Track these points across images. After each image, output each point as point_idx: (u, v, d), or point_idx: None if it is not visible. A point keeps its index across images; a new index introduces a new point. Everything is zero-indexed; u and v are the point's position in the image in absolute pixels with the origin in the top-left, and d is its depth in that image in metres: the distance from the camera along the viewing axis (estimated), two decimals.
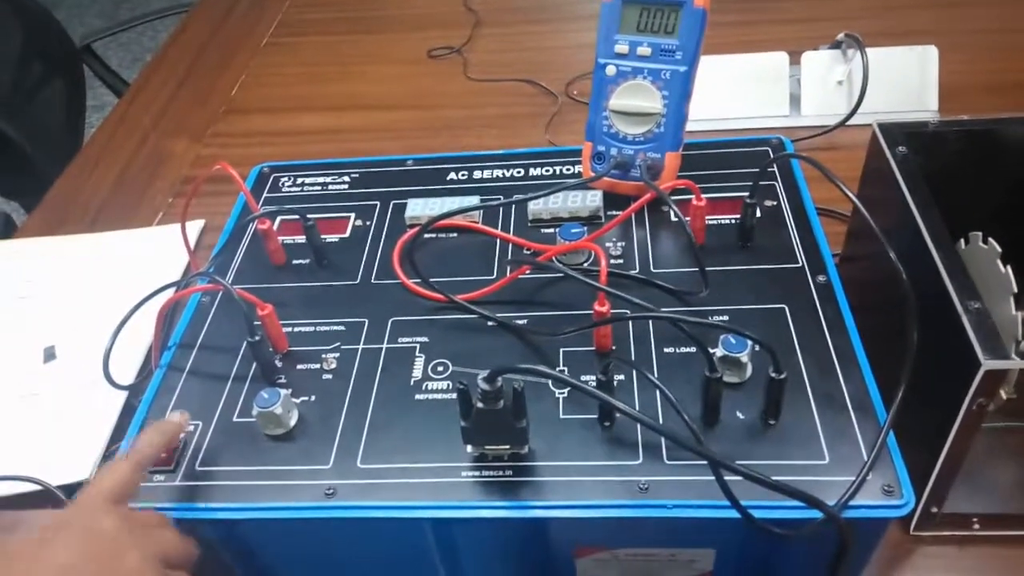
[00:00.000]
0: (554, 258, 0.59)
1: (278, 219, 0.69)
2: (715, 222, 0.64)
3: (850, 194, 0.54)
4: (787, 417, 0.49)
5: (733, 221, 0.64)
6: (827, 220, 0.79)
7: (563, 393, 0.53)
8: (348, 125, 1.09)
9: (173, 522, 0.48)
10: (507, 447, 0.48)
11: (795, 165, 0.69)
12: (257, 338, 0.54)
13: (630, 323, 0.56)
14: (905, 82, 0.93)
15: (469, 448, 0.49)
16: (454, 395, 0.51)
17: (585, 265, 0.61)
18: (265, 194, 0.74)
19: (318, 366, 0.56)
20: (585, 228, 0.61)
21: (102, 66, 1.52)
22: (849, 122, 0.92)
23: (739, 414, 0.50)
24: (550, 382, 0.53)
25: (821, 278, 0.58)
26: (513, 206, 0.68)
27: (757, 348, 0.53)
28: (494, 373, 0.44)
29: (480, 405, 0.45)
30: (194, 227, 0.90)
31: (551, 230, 0.65)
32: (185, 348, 0.59)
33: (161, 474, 0.51)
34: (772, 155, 0.70)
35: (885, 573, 0.54)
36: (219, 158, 1.15)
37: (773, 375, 0.47)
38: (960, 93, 0.95)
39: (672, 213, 0.55)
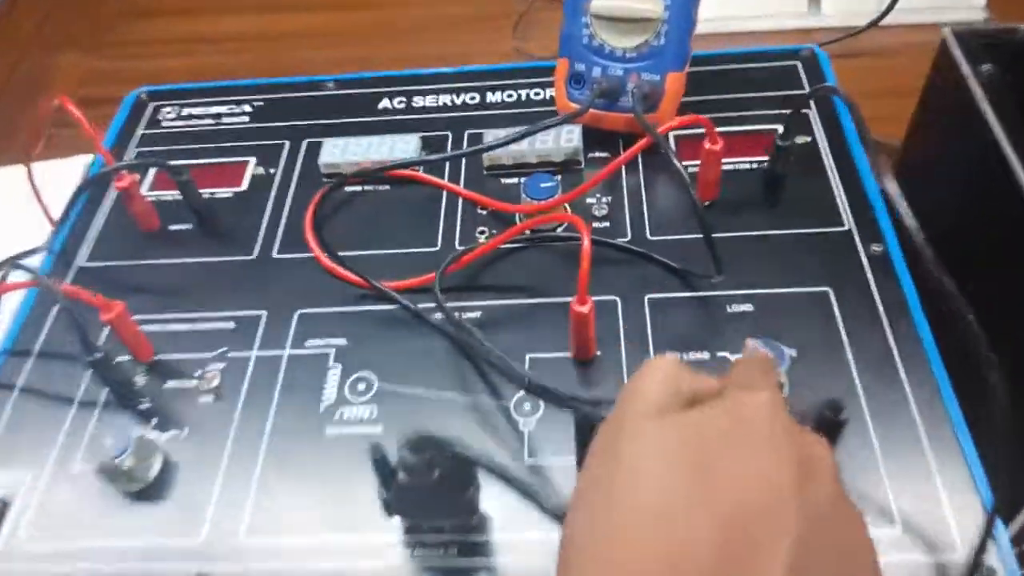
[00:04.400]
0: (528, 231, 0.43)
1: (151, 171, 0.52)
2: (731, 167, 0.48)
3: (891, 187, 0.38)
4: (840, 462, 0.35)
5: (753, 166, 0.48)
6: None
7: (528, 425, 0.38)
8: (277, 29, 0.89)
9: None
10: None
11: (831, 81, 0.52)
12: (98, 356, 0.39)
13: (620, 318, 0.42)
14: None
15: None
16: (377, 428, 0.37)
17: (558, 231, 0.46)
18: (141, 130, 0.56)
19: (194, 383, 0.41)
20: (558, 179, 0.45)
21: None
22: (882, 22, 0.74)
23: None
24: (511, 407, 0.39)
25: (876, 248, 0.43)
26: (464, 146, 0.52)
27: (794, 353, 0.39)
28: (416, 445, 0.29)
29: (404, 477, 0.31)
30: (75, 166, 0.72)
31: (514, 180, 0.49)
32: (17, 357, 0.44)
33: None
34: (802, 70, 0.53)
35: None
36: (119, 73, 0.95)
37: (829, 415, 0.33)
38: None
39: (672, 164, 0.39)
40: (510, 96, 0.55)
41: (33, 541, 0.37)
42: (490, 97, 0.55)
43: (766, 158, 0.47)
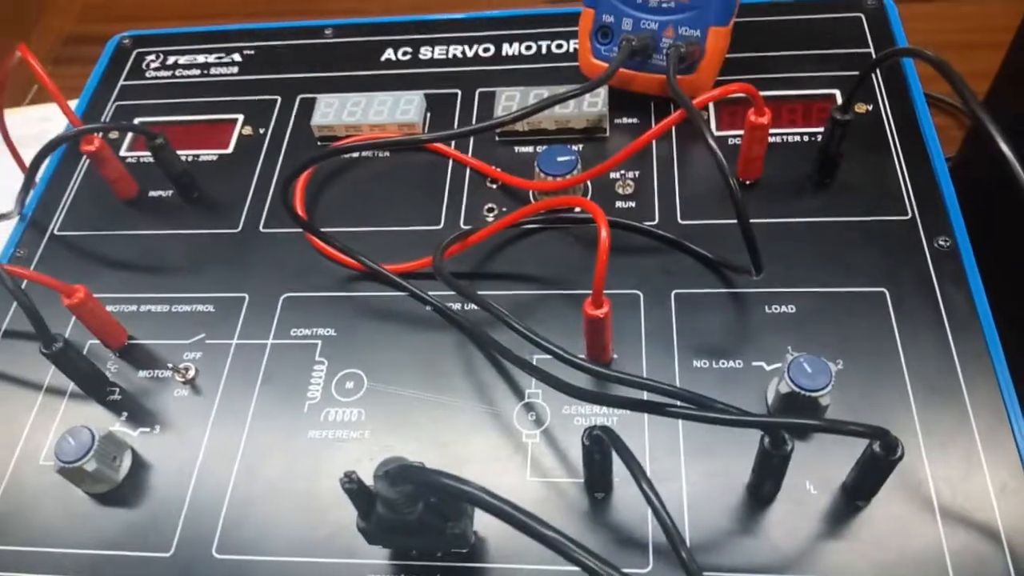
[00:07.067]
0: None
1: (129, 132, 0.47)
2: (778, 139, 0.42)
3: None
4: (886, 498, 0.31)
5: (803, 138, 0.42)
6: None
7: (533, 437, 0.34)
8: None
9: None
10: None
11: (901, 39, 0.46)
12: (58, 347, 0.35)
13: (642, 314, 0.37)
14: None
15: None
16: (365, 433, 0.34)
17: (576, 211, 0.40)
18: (122, 81, 0.51)
19: (169, 374, 0.38)
20: (577, 153, 0.40)
21: None
22: None
23: (810, 486, 0.32)
24: (515, 413, 0.35)
25: (943, 242, 0.37)
26: (474, 105, 0.46)
27: (840, 365, 0.34)
28: (396, 478, 0.25)
29: (383, 511, 0.27)
30: None
31: (528, 148, 0.43)
32: None
33: None
34: (866, 24, 0.46)
35: None
36: (112, 9, 0.90)
37: (879, 452, 0.28)
38: None
39: (709, 145, 0.33)
40: (528, 48, 0.48)
41: None
42: (506, 49, 0.49)
43: (818, 129, 0.41)
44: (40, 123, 0.69)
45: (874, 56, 0.45)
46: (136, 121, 0.48)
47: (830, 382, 0.31)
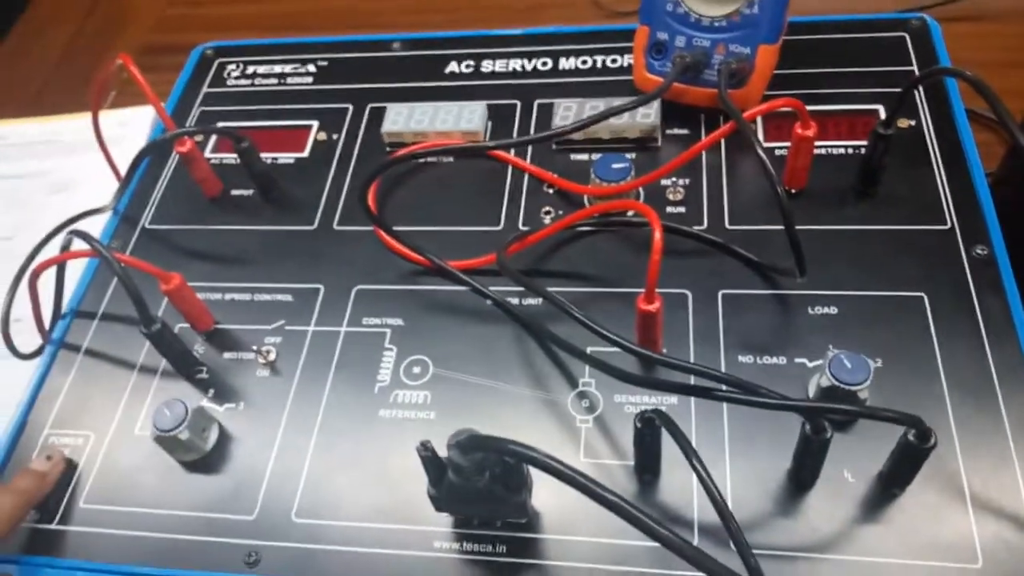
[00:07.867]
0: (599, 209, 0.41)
1: (212, 135, 0.51)
2: (822, 151, 0.44)
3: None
4: (921, 487, 0.33)
5: (847, 151, 0.44)
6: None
7: (586, 422, 0.37)
8: None
9: None
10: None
11: (943, 58, 0.47)
12: (156, 328, 0.38)
13: (690, 313, 0.39)
14: None
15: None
16: (431, 414, 0.36)
17: (629, 215, 0.43)
18: (205, 88, 0.55)
19: (252, 356, 0.41)
20: (631, 161, 0.42)
21: None
22: None
23: (848, 475, 0.34)
24: (569, 400, 0.37)
25: (980, 250, 0.39)
26: (533, 116, 0.49)
27: (879, 363, 0.36)
28: (466, 447, 0.27)
29: (453, 478, 0.30)
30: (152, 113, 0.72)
31: (584, 156, 0.46)
32: (83, 319, 0.44)
33: (33, 511, 0.38)
34: (910, 43, 0.48)
35: None
36: (187, 20, 0.95)
37: (913, 440, 0.30)
38: None
39: (758, 155, 0.36)
40: (584, 63, 0.51)
41: (91, 503, 0.37)
42: (563, 63, 0.52)
43: (862, 143, 0.43)
44: (118, 127, 0.74)
45: (917, 73, 0.47)
46: (218, 125, 0.52)
47: (869, 377, 0.33)
